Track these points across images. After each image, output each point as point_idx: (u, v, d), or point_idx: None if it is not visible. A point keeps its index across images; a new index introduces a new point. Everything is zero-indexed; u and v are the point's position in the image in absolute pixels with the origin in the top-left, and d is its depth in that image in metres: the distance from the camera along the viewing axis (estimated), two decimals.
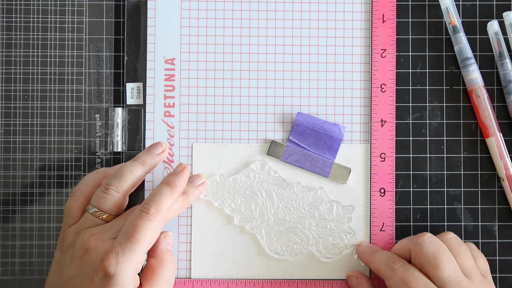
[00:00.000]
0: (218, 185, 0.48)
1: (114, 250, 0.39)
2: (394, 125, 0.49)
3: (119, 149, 0.49)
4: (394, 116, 0.49)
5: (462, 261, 0.42)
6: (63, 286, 0.40)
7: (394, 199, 0.49)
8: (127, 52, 0.49)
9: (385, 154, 0.49)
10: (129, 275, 0.39)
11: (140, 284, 0.41)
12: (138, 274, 0.41)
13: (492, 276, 0.48)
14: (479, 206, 0.49)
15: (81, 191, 0.44)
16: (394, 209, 0.49)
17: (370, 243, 0.48)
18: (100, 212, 0.42)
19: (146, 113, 0.49)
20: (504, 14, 0.49)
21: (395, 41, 0.49)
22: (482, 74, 0.49)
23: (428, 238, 0.43)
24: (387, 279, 0.43)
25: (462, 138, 0.49)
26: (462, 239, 0.49)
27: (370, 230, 0.48)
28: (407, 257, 0.44)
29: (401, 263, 0.43)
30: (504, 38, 0.49)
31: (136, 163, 0.44)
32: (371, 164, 0.49)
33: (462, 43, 0.48)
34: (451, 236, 0.44)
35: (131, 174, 0.43)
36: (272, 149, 0.49)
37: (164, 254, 0.43)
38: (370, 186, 0.49)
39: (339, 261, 0.48)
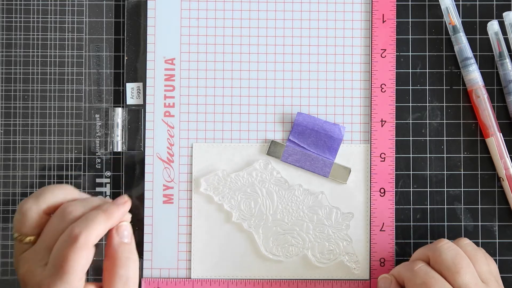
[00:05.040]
0: (220, 180, 0.48)
1: (46, 283, 0.37)
2: (394, 125, 0.49)
3: (119, 149, 0.49)
4: (394, 116, 0.49)
5: (480, 267, 0.42)
6: None
7: (394, 199, 0.49)
8: (127, 52, 0.49)
9: (385, 154, 0.49)
10: None
11: None
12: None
13: None
14: (479, 206, 0.49)
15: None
16: (394, 209, 0.49)
17: (370, 243, 0.48)
18: (22, 236, 0.40)
19: (146, 113, 0.49)
20: (504, 14, 0.49)
21: (395, 41, 0.49)
22: (482, 74, 0.49)
23: (446, 244, 0.43)
24: (408, 281, 0.42)
25: (462, 138, 0.49)
26: None
27: (370, 230, 0.48)
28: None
29: (421, 264, 0.42)
30: (504, 38, 0.49)
31: (58, 187, 0.42)
32: (371, 164, 0.49)
33: (462, 43, 0.48)
34: (466, 242, 0.44)
35: (50, 193, 0.41)
36: (272, 149, 0.49)
37: (117, 251, 0.40)
38: (370, 186, 0.49)
39: (334, 267, 0.48)
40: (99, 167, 0.49)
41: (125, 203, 0.41)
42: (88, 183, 0.49)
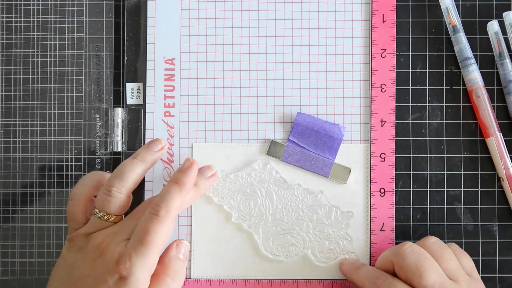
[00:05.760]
0: (219, 181, 0.48)
1: (128, 253, 0.39)
2: (394, 125, 0.49)
3: (119, 149, 0.49)
4: (394, 116, 0.49)
5: (446, 264, 0.42)
6: (72, 285, 0.40)
7: (394, 199, 0.49)
8: (127, 52, 0.49)
9: (385, 154, 0.49)
10: (142, 277, 0.39)
11: None
12: None
13: (492, 276, 0.48)
14: (479, 206, 0.49)
15: (80, 193, 0.44)
16: (394, 209, 0.49)
17: (370, 243, 0.48)
18: (108, 216, 0.42)
19: (146, 113, 0.49)
20: (504, 14, 0.49)
21: (395, 41, 0.49)
22: (482, 74, 0.49)
23: (408, 247, 0.42)
24: None
25: (462, 138, 0.49)
26: (462, 239, 0.49)
27: (370, 230, 0.48)
28: (391, 269, 0.43)
29: (384, 277, 0.42)
30: (504, 38, 0.49)
31: (137, 160, 0.44)
32: (371, 164, 0.49)
33: (462, 43, 0.48)
34: (432, 240, 0.44)
35: (132, 172, 0.43)
36: (272, 149, 0.49)
37: (170, 262, 0.42)
38: (370, 186, 0.49)
39: (334, 266, 0.48)
40: (99, 167, 0.49)
41: (191, 165, 0.44)
42: None
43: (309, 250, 0.48)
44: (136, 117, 0.49)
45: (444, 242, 0.46)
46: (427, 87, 0.50)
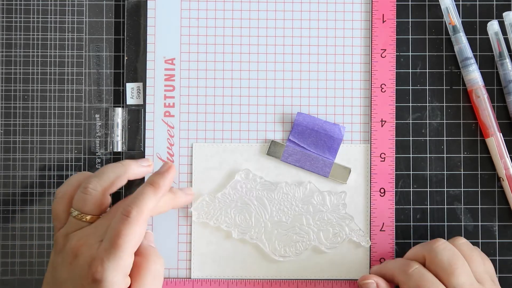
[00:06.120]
0: (209, 205, 0.48)
1: (99, 257, 0.38)
2: (394, 125, 0.49)
3: (119, 149, 0.49)
4: (394, 116, 0.49)
5: (475, 267, 0.42)
6: None
7: (394, 199, 0.49)
8: (127, 52, 0.49)
9: (385, 154, 0.49)
10: (117, 280, 0.38)
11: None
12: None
13: None
14: (479, 206, 0.49)
15: (64, 192, 0.43)
16: (394, 209, 0.49)
17: (370, 243, 0.48)
18: (83, 215, 0.42)
19: (146, 113, 0.49)
20: (504, 14, 0.49)
21: (395, 41, 0.49)
22: (482, 74, 0.49)
23: (442, 244, 0.43)
24: (402, 285, 0.42)
25: (462, 138, 0.49)
26: None
27: (370, 230, 0.48)
28: (420, 263, 0.43)
29: (416, 265, 0.42)
30: (504, 38, 0.49)
31: (119, 164, 0.44)
32: (371, 164, 0.49)
33: (462, 43, 0.48)
34: (462, 241, 0.44)
35: (112, 173, 0.43)
36: (272, 149, 0.49)
37: (147, 250, 0.42)
38: (370, 186, 0.49)
39: (345, 247, 0.48)
40: (99, 167, 0.49)
41: (168, 169, 0.44)
42: None
43: (316, 241, 0.48)
44: (136, 117, 0.49)
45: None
46: (427, 87, 0.50)
